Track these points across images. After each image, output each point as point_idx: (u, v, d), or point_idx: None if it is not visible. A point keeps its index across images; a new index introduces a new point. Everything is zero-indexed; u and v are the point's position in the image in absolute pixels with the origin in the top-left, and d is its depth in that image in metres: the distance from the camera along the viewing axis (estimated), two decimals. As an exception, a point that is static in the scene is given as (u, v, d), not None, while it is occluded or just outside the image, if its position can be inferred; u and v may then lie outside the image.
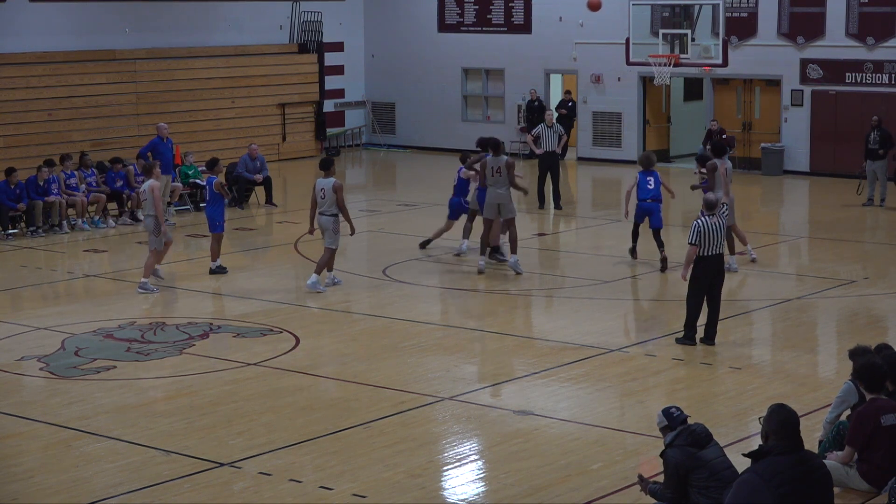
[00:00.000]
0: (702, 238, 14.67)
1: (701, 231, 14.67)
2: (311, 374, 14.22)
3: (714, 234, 14.71)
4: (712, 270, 14.84)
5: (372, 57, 36.71)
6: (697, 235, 14.67)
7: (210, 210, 19.51)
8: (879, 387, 10.25)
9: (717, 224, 14.77)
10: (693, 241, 14.70)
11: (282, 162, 32.91)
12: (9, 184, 23.04)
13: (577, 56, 33.11)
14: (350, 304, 17.90)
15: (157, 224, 18.33)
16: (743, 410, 12.82)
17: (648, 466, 10.94)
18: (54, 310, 17.85)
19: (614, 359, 14.80)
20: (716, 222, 14.77)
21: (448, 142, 35.31)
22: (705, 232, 14.66)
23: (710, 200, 15.00)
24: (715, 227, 14.73)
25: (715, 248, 14.76)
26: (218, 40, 32.89)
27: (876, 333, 15.09)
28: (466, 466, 11.46)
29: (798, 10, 30.02)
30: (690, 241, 14.73)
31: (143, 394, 13.58)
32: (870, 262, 20.65)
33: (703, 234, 14.66)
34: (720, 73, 30.91)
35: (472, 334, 16.18)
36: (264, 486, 10.84)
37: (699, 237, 14.66)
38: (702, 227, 14.68)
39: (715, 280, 14.92)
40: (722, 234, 14.83)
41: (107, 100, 29.92)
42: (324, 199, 18.36)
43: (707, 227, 14.68)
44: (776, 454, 7.50)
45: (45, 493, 10.76)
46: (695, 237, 14.69)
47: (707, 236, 14.67)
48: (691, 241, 14.71)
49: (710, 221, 14.72)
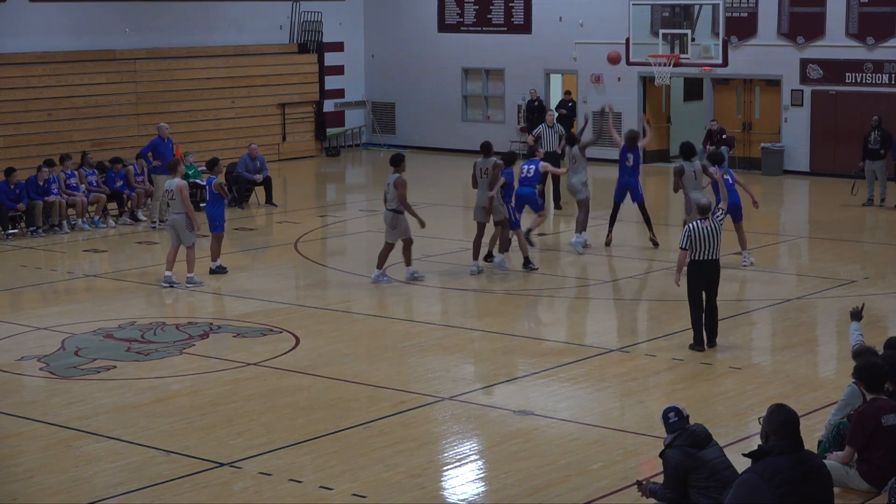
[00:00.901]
0: (693, 242, 14.46)
1: (692, 235, 14.47)
2: (311, 374, 14.22)
3: (707, 239, 14.48)
4: (706, 275, 14.61)
5: (372, 57, 36.72)
6: (688, 240, 14.48)
7: (210, 210, 19.56)
8: (880, 387, 10.25)
9: (710, 228, 14.52)
10: (684, 246, 14.54)
11: (282, 162, 32.91)
12: (9, 184, 23.04)
13: (577, 56, 33.12)
14: (350, 304, 17.90)
15: (189, 220, 18.49)
16: (743, 410, 12.82)
17: (648, 468, 10.94)
18: (54, 310, 17.85)
19: (614, 359, 14.80)
20: (709, 226, 14.52)
21: (448, 142, 35.33)
22: (696, 236, 14.46)
23: (703, 204, 14.85)
24: (708, 232, 14.49)
25: (708, 252, 14.53)
26: (218, 40, 32.90)
27: (876, 333, 15.07)
28: (466, 466, 11.46)
29: (798, 10, 30.02)
30: (682, 246, 14.59)
31: (143, 394, 13.57)
32: (870, 262, 20.65)
33: (695, 238, 14.46)
34: (720, 73, 30.91)
35: (472, 334, 16.18)
36: (264, 486, 10.84)
37: (690, 241, 14.47)
38: (693, 232, 14.49)
39: (711, 284, 14.71)
40: (716, 238, 14.56)
41: (107, 100, 29.92)
42: (388, 194, 18.70)
43: (699, 232, 14.47)
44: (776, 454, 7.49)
45: (45, 493, 10.76)
46: (685, 241, 14.51)
47: (699, 241, 14.46)
48: (682, 246, 14.56)
49: (703, 226, 14.51)
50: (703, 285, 14.68)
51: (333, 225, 25.03)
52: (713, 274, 14.68)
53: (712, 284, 14.73)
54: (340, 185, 32.06)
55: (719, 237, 14.65)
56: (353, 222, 25.48)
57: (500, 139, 34.58)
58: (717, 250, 14.61)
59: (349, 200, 29.28)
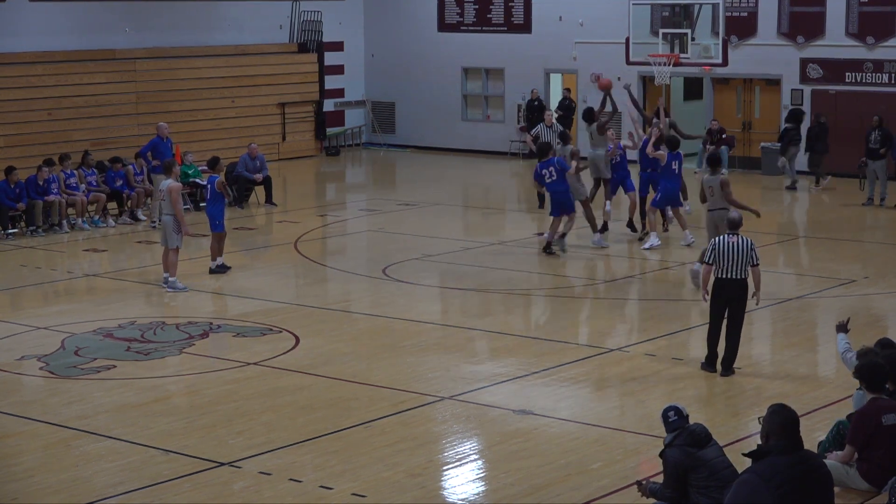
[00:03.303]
0: (717, 257, 13.59)
1: (717, 249, 13.61)
2: (311, 374, 14.22)
3: (733, 255, 13.55)
4: (730, 295, 13.69)
5: (372, 56, 36.71)
6: (713, 253, 13.65)
7: (210, 209, 19.56)
8: (880, 387, 10.26)
9: (738, 245, 13.59)
10: (708, 261, 13.74)
11: (282, 161, 32.90)
12: (9, 183, 23.04)
13: (577, 56, 33.11)
14: (350, 303, 17.91)
15: (177, 223, 18.40)
16: (743, 410, 12.83)
17: (648, 467, 10.94)
18: (54, 309, 17.85)
19: (614, 359, 14.80)
20: (736, 243, 13.60)
21: (448, 141, 35.33)
22: (721, 251, 13.58)
23: (734, 219, 13.99)
24: (735, 248, 13.57)
25: (734, 271, 13.58)
26: (218, 40, 32.89)
27: (876, 333, 15.03)
28: (466, 466, 11.46)
29: (798, 10, 30.01)
30: (706, 261, 13.82)
31: (143, 393, 13.57)
32: (870, 262, 20.65)
33: (720, 253, 13.57)
34: (720, 72, 30.90)
35: (472, 334, 16.18)
36: (264, 485, 10.84)
37: (714, 256, 13.63)
38: (718, 246, 13.64)
39: (734, 306, 13.76)
40: (745, 256, 13.57)
41: (107, 99, 29.90)
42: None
43: (725, 247, 13.59)
44: (776, 454, 7.49)
45: (45, 493, 10.76)
46: (710, 256, 13.70)
47: (724, 256, 13.56)
48: (707, 261, 13.78)
49: (730, 241, 13.63)
50: (726, 305, 13.77)
51: (333, 224, 25.03)
52: (737, 293, 13.71)
53: (737, 305, 13.76)
54: (340, 185, 32.06)
55: (748, 254, 13.61)
56: (353, 222, 25.49)
57: (500, 139, 34.66)
58: (744, 268, 13.62)
59: (349, 200, 29.27)
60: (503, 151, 34.43)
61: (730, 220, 14.05)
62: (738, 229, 13.86)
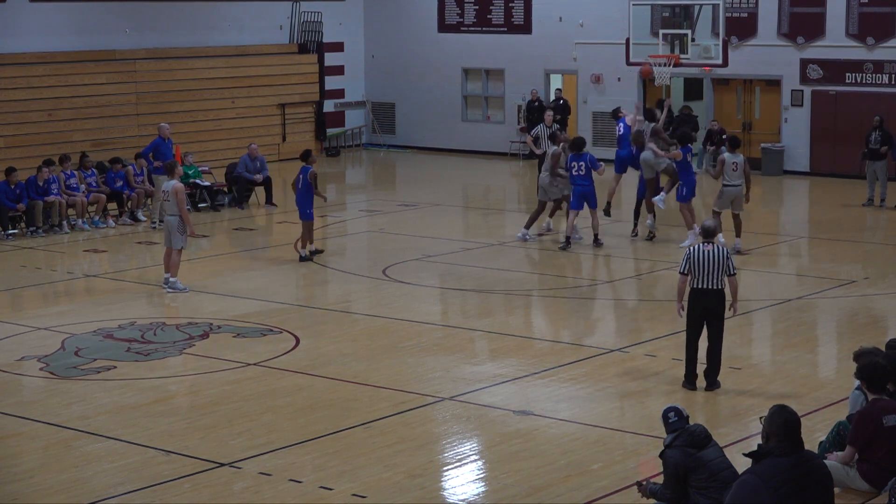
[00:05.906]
0: (692, 267, 13.09)
1: (692, 258, 13.10)
2: (311, 374, 14.22)
3: (709, 265, 13.05)
4: (707, 306, 13.19)
5: (372, 57, 36.71)
6: (687, 263, 13.11)
7: (301, 197, 20.51)
8: (882, 387, 10.25)
9: (713, 253, 13.09)
10: (683, 270, 13.19)
11: (282, 162, 32.87)
12: (9, 184, 23.04)
13: (577, 56, 33.11)
14: (350, 304, 17.91)
15: (181, 223, 18.40)
16: (743, 410, 12.83)
17: (648, 468, 10.94)
18: (54, 310, 17.85)
19: (614, 359, 14.80)
20: (712, 251, 13.10)
21: (448, 142, 35.33)
22: (697, 260, 13.07)
23: (708, 227, 13.48)
24: (711, 257, 13.06)
25: (711, 281, 13.08)
26: (218, 40, 32.89)
27: (876, 333, 15.08)
28: (466, 466, 11.46)
29: (798, 10, 30.01)
30: (680, 271, 13.23)
31: (143, 394, 13.57)
32: (870, 262, 20.65)
33: (695, 262, 13.06)
34: (720, 73, 30.90)
35: (472, 334, 16.18)
36: (264, 486, 10.84)
37: (689, 266, 13.12)
38: (692, 255, 13.12)
39: (712, 316, 13.25)
40: (721, 266, 13.06)
41: (107, 100, 29.91)
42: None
43: (700, 256, 13.08)
44: (776, 455, 7.50)
45: (45, 493, 10.76)
46: (685, 265, 13.15)
47: (699, 265, 13.05)
48: (681, 271, 13.21)
49: (705, 249, 13.13)
50: (703, 317, 13.26)
51: (333, 225, 25.02)
52: (714, 304, 13.22)
53: (714, 316, 13.27)
54: (340, 185, 32.03)
55: (724, 264, 13.10)
56: (353, 222, 25.48)
57: (500, 140, 34.65)
58: (720, 278, 13.11)
59: (349, 200, 29.25)
60: (503, 152, 34.42)
61: (704, 228, 13.50)
62: (713, 238, 13.41)
